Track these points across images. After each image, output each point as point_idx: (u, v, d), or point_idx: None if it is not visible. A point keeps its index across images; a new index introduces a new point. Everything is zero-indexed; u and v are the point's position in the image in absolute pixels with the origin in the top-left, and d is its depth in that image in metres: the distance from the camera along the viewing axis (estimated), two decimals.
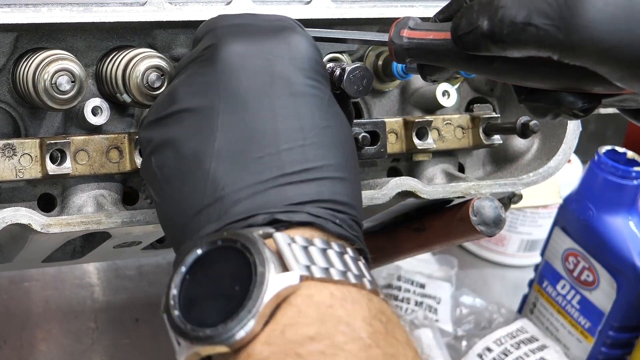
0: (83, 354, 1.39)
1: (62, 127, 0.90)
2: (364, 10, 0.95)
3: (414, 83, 1.05)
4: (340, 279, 0.66)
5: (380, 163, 1.07)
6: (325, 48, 0.91)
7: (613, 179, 1.37)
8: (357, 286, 0.67)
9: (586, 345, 1.44)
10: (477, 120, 1.04)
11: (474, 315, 1.51)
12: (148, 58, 0.85)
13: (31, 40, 0.87)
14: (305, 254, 0.66)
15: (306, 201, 0.70)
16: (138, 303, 1.51)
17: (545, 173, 1.02)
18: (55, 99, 0.82)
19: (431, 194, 0.97)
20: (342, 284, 0.66)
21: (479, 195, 0.99)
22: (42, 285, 1.51)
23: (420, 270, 1.57)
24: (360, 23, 0.98)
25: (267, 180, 0.70)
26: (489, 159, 1.11)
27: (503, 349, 1.42)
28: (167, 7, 0.87)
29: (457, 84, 1.07)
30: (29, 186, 0.91)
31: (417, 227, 1.09)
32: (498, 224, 0.99)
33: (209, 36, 0.77)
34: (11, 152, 0.84)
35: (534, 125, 0.98)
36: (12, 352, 1.37)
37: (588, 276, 1.42)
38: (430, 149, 1.01)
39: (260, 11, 0.91)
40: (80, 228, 0.83)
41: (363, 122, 0.95)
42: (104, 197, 0.91)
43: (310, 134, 0.72)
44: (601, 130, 2.08)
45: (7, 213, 0.80)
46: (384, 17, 0.96)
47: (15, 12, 0.81)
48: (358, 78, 0.82)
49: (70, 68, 0.82)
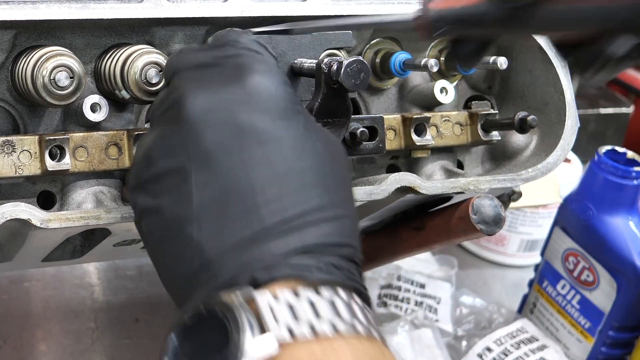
0: (83, 354, 1.39)
1: (61, 124, 0.90)
2: (361, 7, 0.95)
3: (412, 80, 1.06)
4: (328, 332, 0.63)
5: (379, 160, 1.07)
6: (322, 44, 0.91)
7: (613, 179, 1.37)
8: (347, 337, 0.64)
9: (586, 345, 1.43)
10: (475, 117, 1.04)
11: (474, 315, 1.51)
12: (146, 54, 0.85)
13: (30, 37, 0.87)
14: (290, 311, 0.64)
15: (290, 252, 0.68)
16: (138, 303, 1.51)
17: (544, 169, 1.02)
18: (54, 94, 0.82)
19: (430, 190, 0.97)
20: (329, 340, 0.63)
21: (478, 190, 0.99)
22: (42, 285, 1.51)
23: (420, 270, 1.57)
24: None
25: (248, 237, 0.68)
26: (487, 156, 1.11)
27: (503, 349, 1.42)
28: (164, 4, 0.88)
29: (455, 81, 1.08)
30: (28, 183, 0.91)
31: (417, 226, 1.09)
32: (498, 223, 0.99)
33: (174, 83, 0.76)
34: (10, 149, 0.85)
35: (532, 120, 0.99)
36: (12, 352, 1.37)
37: (588, 276, 1.42)
38: (428, 146, 1.01)
39: (258, 8, 0.91)
40: (80, 223, 0.83)
41: (361, 117, 0.95)
42: (104, 194, 0.91)
43: (285, 180, 0.70)
44: (601, 130, 2.08)
45: (6, 208, 0.80)
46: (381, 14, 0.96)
47: (13, 9, 0.82)
48: (355, 71, 0.82)
49: (69, 64, 0.82)
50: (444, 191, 0.99)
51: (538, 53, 1.03)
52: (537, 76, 1.05)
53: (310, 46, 0.91)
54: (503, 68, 0.97)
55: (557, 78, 1.03)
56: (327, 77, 0.84)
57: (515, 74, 1.07)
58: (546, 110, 1.05)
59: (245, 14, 0.91)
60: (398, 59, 1.00)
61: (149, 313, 1.49)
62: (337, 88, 0.83)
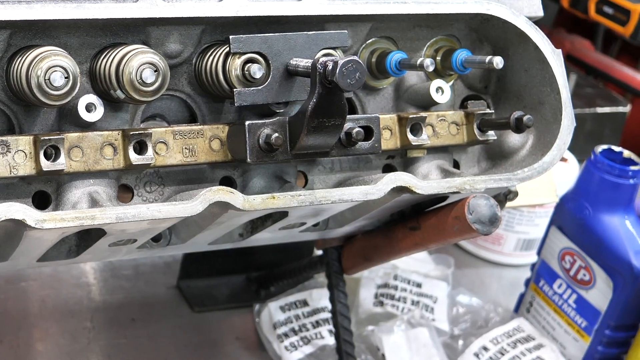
0: (80, 354, 1.39)
1: (56, 124, 0.90)
2: (357, 7, 0.95)
3: (408, 80, 1.06)
4: None
5: (374, 160, 1.07)
6: (318, 44, 0.91)
7: (609, 178, 1.37)
8: None
9: (582, 344, 1.44)
10: (471, 117, 1.04)
11: (470, 315, 1.52)
12: (141, 54, 0.85)
13: (25, 37, 0.87)
14: None
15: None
16: (134, 303, 1.52)
17: (540, 168, 1.02)
18: (48, 94, 0.82)
19: (426, 189, 0.97)
20: None
21: (474, 190, 0.99)
22: (39, 285, 1.51)
23: (416, 269, 1.58)
24: (352, 20, 0.98)
25: None
26: (483, 156, 1.11)
27: (499, 348, 1.43)
28: (160, 4, 0.88)
29: (451, 81, 1.07)
30: (23, 183, 0.91)
31: (413, 226, 1.10)
32: (494, 222, 0.99)
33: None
34: (5, 149, 0.84)
35: (528, 120, 0.99)
36: (9, 351, 1.37)
37: (584, 275, 1.42)
38: (424, 145, 1.01)
39: (253, 8, 0.91)
40: (75, 223, 0.83)
41: (357, 117, 0.95)
42: (99, 194, 0.91)
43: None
44: (598, 130, 2.08)
45: (1, 208, 0.80)
46: (376, 14, 0.96)
47: (8, 8, 0.82)
48: (350, 71, 0.82)
49: (63, 64, 0.82)
50: (439, 191, 0.98)
51: (534, 52, 1.03)
52: (533, 76, 1.05)
53: (305, 46, 0.91)
54: (499, 67, 0.96)
55: (553, 77, 1.03)
56: (323, 77, 0.83)
57: (511, 74, 1.07)
58: (542, 110, 1.05)
59: (241, 13, 0.91)
60: (394, 59, 1.00)
61: (145, 313, 1.49)
62: (333, 88, 0.83)
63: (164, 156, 0.91)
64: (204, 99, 0.97)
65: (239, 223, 1.01)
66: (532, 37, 1.02)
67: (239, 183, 1.00)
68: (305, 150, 0.91)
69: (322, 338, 1.43)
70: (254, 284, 1.57)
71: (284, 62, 0.90)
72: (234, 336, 1.48)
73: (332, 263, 1.30)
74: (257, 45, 0.90)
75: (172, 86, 0.95)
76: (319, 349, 1.41)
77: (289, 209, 0.94)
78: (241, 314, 1.52)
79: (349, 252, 1.27)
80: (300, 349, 1.41)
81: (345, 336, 1.30)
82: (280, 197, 0.91)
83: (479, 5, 1.01)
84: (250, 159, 0.90)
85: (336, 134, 0.90)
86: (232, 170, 1.00)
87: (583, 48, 2.47)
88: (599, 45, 2.55)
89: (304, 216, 1.02)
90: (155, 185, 0.97)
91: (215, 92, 0.93)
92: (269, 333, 1.44)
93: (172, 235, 1.04)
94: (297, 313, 1.46)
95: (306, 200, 0.92)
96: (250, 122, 0.90)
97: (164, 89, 0.87)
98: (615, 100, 2.15)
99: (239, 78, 0.90)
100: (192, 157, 0.92)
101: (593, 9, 2.20)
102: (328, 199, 0.92)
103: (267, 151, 0.90)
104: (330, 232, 1.16)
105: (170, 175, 0.97)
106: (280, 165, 1.00)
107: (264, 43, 0.90)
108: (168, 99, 0.97)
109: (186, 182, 0.98)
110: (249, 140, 0.90)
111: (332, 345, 1.38)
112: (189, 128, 0.92)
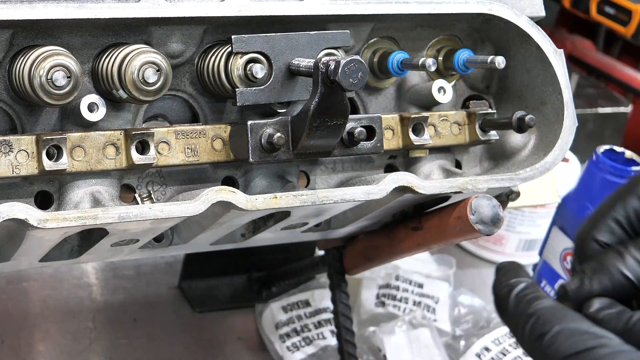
0: (81, 354, 1.39)
1: (58, 124, 0.90)
2: (359, 7, 0.95)
3: (410, 80, 1.06)
4: None
5: (377, 160, 1.07)
6: (320, 44, 0.91)
7: (611, 179, 1.37)
8: None
9: None
10: (473, 117, 1.04)
11: (472, 315, 1.51)
12: (143, 54, 0.85)
13: (27, 37, 0.87)
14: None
15: None
16: (136, 303, 1.51)
17: (542, 168, 1.02)
18: (51, 94, 0.82)
19: (428, 189, 0.97)
20: None
21: (477, 190, 0.99)
22: (40, 285, 1.51)
23: (418, 269, 1.57)
24: (354, 20, 0.98)
25: None
26: (485, 156, 1.11)
27: (501, 348, 1.42)
28: (162, 4, 0.88)
29: (453, 80, 1.07)
30: (25, 183, 0.91)
31: (415, 226, 1.09)
32: (496, 223, 0.99)
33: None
34: (7, 149, 0.84)
35: (530, 120, 0.98)
36: (10, 352, 1.37)
37: None
38: (426, 145, 1.01)
39: (255, 8, 0.91)
40: (77, 223, 0.83)
41: (359, 117, 0.95)
42: (101, 194, 0.91)
43: None
44: (600, 130, 2.08)
45: (3, 208, 0.80)
46: (378, 14, 0.96)
47: (10, 8, 0.82)
48: (353, 71, 0.82)
49: (66, 63, 0.82)
50: (441, 191, 0.98)
51: (536, 52, 1.03)
52: (535, 76, 1.05)
53: (307, 46, 0.91)
54: (501, 67, 0.96)
55: (555, 77, 1.03)
56: (325, 77, 0.83)
57: (513, 74, 1.07)
58: (544, 110, 1.05)
59: (243, 13, 0.91)
60: (396, 59, 1.00)
61: (147, 313, 1.49)
62: (335, 87, 0.83)
63: (166, 156, 0.91)
64: (206, 99, 0.97)
65: (241, 223, 1.01)
66: (534, 37, 1.02)
67: (241, 183, 1.00)
68: (308, 150, 0.91)
69: (324, 338, 1.43)
70: (255, 285, 1.57)
71: (286, 62, 0.90)
72: (236, 336, 1.48)
73: (334, 263, 1.30)
74: (259, 45, 0.90)
75: (174, 86, 0.95)
76: (320, 350, 1.41)
77: (291, 208, 0.94)
78: (243, 314, 1.52)
79: (350, 252, 1.27)
80: (302, 350, 1.41)
81: (347, 337, 1.30)
82: (283, 197, 0.91)
83: (481, 6, 1.01)
84: (252, 159, 0.90)
85: (338, 133, 0.90)
86: (234, 170, 1.00)
87: (584, 48, 2.47)
88: (601, 46, 2.55)
89: (306, 216, 1.02)
90: (158, 185, 0.97)
91: (218, 92, 0.93)
92: (270, 333, 1.44)
93: (174, 235, 1.04)
94: (299, 313, 1.46)
95: (308, 200, 0.92)
96: (253, 121, 0.90)
97: (166, 88, 0.87)
98: (616, 101, 2.15)
99: (241, 78, 0.90)
100: (194, 157, 0.92)
101: (594, 9, 2.20)
102: (330, 199, 0.92)
103: (269, 151, 0.90)
104: (332, 233, 1.16)
105: (172, 175, 0.97)
106: (283, 165, 1.00)
107: (266, 43, 0.90)
108: (170, 99, 0.97)
109: (188, 182, 0.98)
110: (251, 140, 0.90)
111: (334, 346, 1.38)
112: (191, 128, 0.92)
